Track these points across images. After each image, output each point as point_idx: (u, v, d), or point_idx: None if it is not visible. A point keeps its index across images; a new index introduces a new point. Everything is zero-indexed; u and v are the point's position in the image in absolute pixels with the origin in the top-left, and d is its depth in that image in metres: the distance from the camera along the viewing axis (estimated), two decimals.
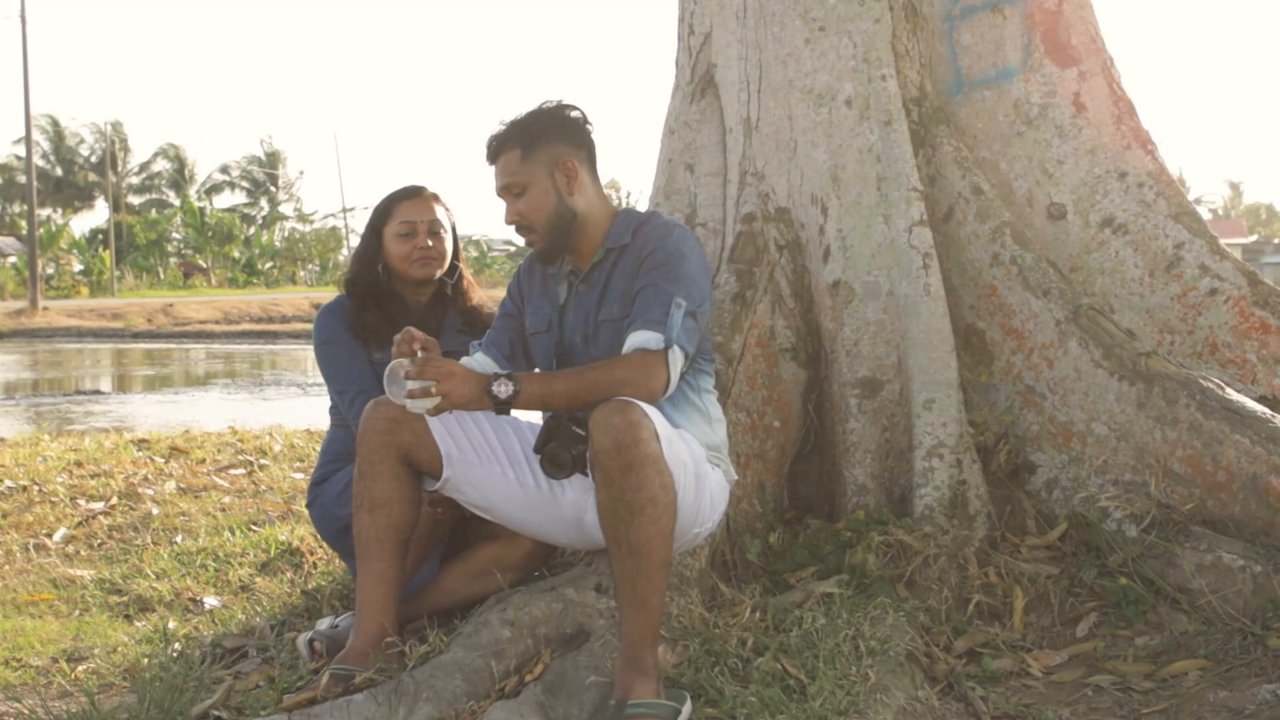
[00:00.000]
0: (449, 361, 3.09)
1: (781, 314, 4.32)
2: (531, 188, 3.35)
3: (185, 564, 5.08)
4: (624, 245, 3.37)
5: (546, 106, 3.44)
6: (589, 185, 3.41)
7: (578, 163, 3.37)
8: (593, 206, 3.41)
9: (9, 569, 5.16)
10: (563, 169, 3.35)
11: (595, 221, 3.41)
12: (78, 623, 4.41)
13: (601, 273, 3.40)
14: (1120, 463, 3.84)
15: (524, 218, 3.37)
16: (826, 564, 3.83)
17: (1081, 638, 3.55)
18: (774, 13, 4.38)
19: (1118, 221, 4.29)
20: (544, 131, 3.37)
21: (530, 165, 3.35)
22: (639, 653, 3.05)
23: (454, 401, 3.06)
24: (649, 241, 3.32)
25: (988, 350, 4.18)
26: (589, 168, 3.43)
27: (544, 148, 3.36)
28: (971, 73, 4.45)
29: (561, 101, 3.46)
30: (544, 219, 3.36)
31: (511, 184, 3.37)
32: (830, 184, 4.29)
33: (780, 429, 4.25)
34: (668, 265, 3.25)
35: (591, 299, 3.41)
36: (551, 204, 3.35)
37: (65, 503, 6.20)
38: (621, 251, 3.37)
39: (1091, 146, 4.34)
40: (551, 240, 3.39)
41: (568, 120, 3.42)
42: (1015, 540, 3.86)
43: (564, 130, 3.40)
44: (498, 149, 3.40)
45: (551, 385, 3.15)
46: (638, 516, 3.00)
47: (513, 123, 3.41)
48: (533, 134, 3.37)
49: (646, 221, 3.39)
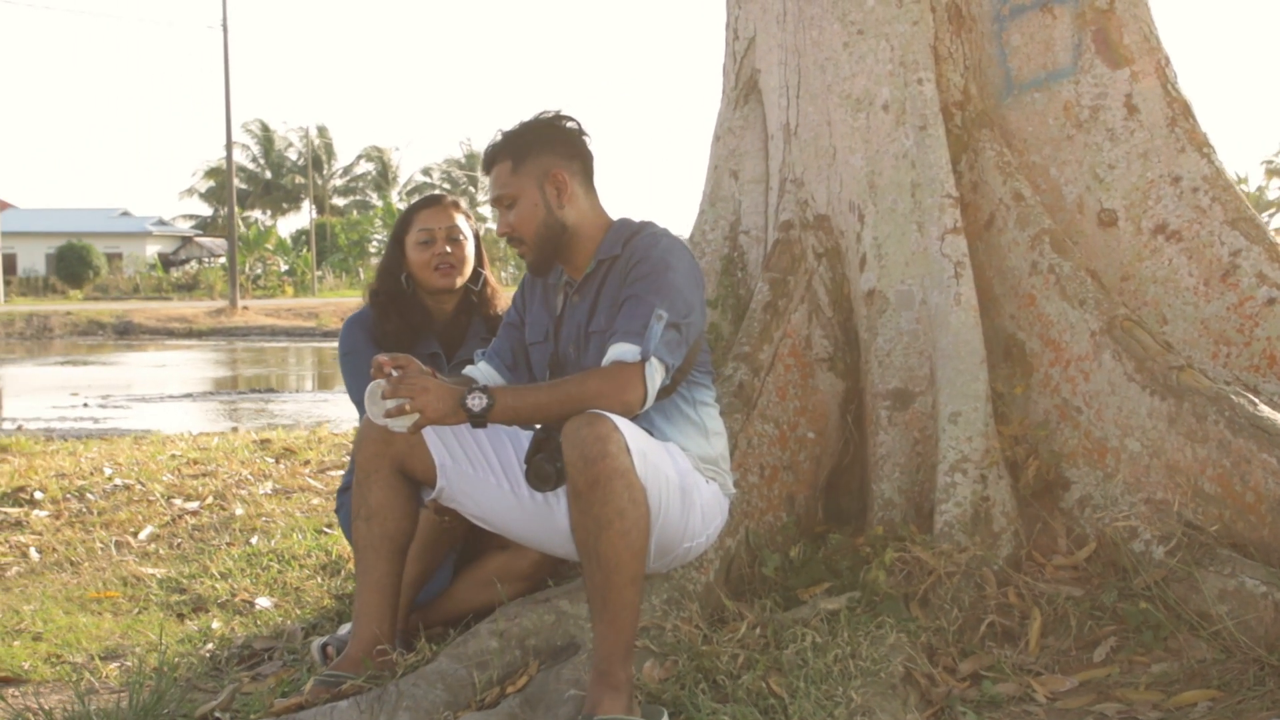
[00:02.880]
0: (423, 378, 3.11)
1: (819, 323, 4.24)
2: (521, 200, 3.35)
3: (251, 565, 5.19)
4: (615, 256, 3.34)
5: (542, 117, 3.43)
6: (581, 197, 3.39)
7: (569, 175, 3.36)
8: (584, 218, 3.39)
9: (88, 565, 5.34)
10: (553, 181, 3.34)
11: (588, 233, 3.39)
12: (132, 621, 4.54)
13: (593, 284, 3.38)
14: (1152, 481, 3.68)
15: (514, 230, 3.36)
16: (842, 580, 3.75)
17: (1097, 663, 3.41)
18: (813, 16, 4.31)
19: (1171, 228, 4.12)
20: (535, 143, 3.36)
21: (520, 177, 3.35)
22: (609, 667, 3.03)
23: (429, 417, 3.07)
24: (636, 252, 3.29)
25: (1027, 362, 4.04)
26: (582, 179, 3.40)
27: (534, 159, 3.35)
28: (1021, 75, 4.31)
29: (558, 112, 3.44)
30: (534, 231, 3.35)
31: (502, 195, 3.37)
32: (867, 190, 4.20)
33: (815, 440, 4.17)
34: (651, 276, 3.22)
35: (583, 310, 3.39)
36: (541, 216, 3.34)
37: (160, 502, 6.39)
38: (613, 262, 3.35)
39: (1144, 150, 4.17)
40: (541, 252, 3.38)
41: (561, 131, 3.40)
42: (1041, 560, 3.73)
43: (556, 142, 3.38)
44: (490, 160, 3.40)
45: (525, 398, 3.14)
46: (605, 530, 2.98)
47: (506, 134, 3.41)
48: (524, 146, 3.36)
49: (637, 232, 3.36)
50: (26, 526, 5.91)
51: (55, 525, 5.95)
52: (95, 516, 6.10)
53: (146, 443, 9.19)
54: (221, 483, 6.90)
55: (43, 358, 25.55)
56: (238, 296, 40.83)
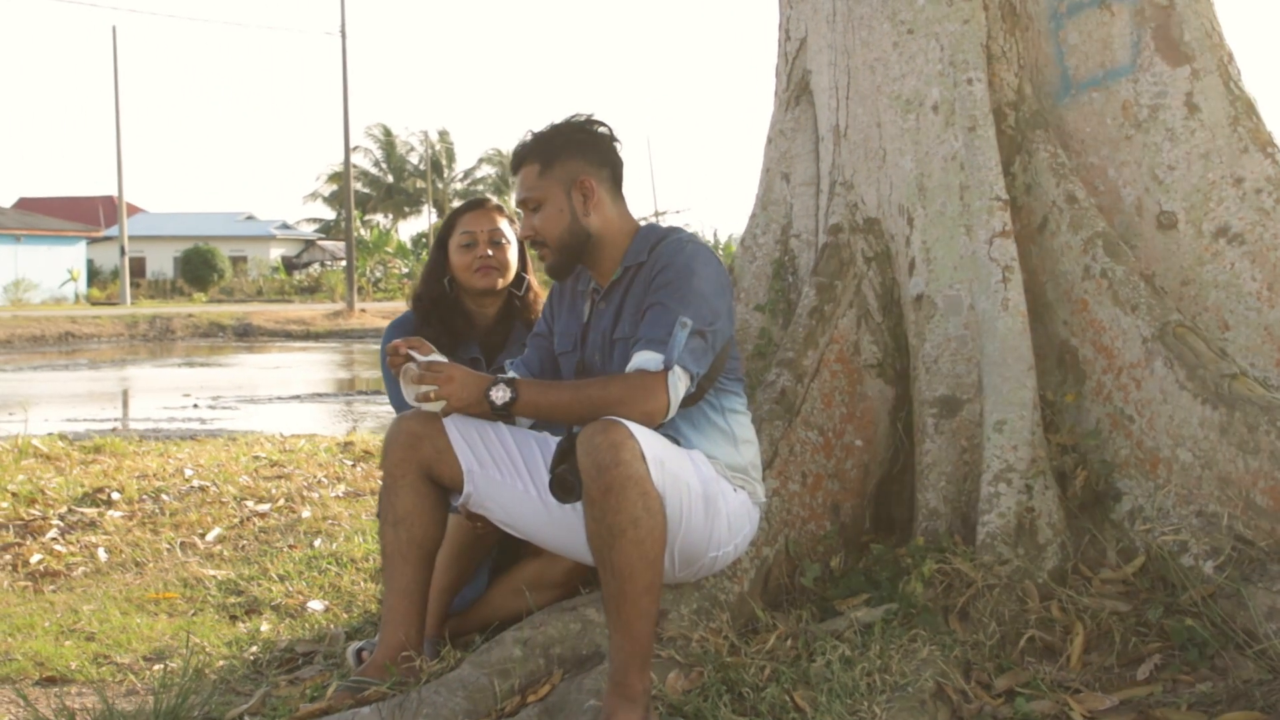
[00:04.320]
0: (452, 365, 3.17)
1: (868, 328, 4.16)
2: (547, 204, 3.32)
3: (309, 568, 5.23)
4: (640, 263, 3.30)
5: (574, 121, 3.40)
6: (608, 205, 3.35)
7: (596, 182, 3.32)
8: (610, 226, 3.35)
9: (153, 566, 5.41)
10: (580, 187, 3.31)
11: (613, 240, 3.36)
12: (185, 622, 4.59)
13: (619, 290, 3.35)
14: (1204, 493, 3.55)
15: (538, 233, 3.34)
16: (881, 592, 3.66)
17: (1141, 680, 3.29)
18: (862, 16, 4.22)
19: (1233, 231, 3.97)
20: (565, 148, 3.33)
21: (547, 181, 3.32)
22: (625, 678, 2.99)
23: (454, 405, 3.15)
24: (660, 259, 3.25)
25: (1080, 369, 3.92)
26: (610, 186, 3.37)
27: (563, 164, 3.32)
28: (1078, 73, 4.19)
29: (590, 117, 3.41)
30: (556, 237, 3.33)
31: (528, 199, 3.34)
32: (916, 193, 4.11)
33: (863, 448, 4.09)
34: (675, 283, 3.17)
35: (609, 316, 3.36)
36: (565, 222, 3.32)
37: (231, 504, 6.47)
38: (638, 269, 3.31)
39: (1205, 150, 4.03)
40: (562, 258, 3.35)
41: (591, 137, 3.37)
42: (1089, 573, 3.62)
43: (585, 147, 3.35)
44: (519, 161, 3.38)
45: (548, 395, 3.15)
46: (619, 538, 2.94)
47: (537, 135, 3.38)
48: (553, 149, 3.33)
49: (663, 239, 3.31)
50: (99, 527, 6.01)
51: (127, 526, 6.05)
52: (166, 518, 6.18)
53: (236, 444, 9.33)
54: (295, 485, 6.97)
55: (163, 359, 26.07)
56: (355, 299, 41.32)
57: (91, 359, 25.68)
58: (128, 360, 25.60)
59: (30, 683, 3.95)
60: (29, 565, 5.38)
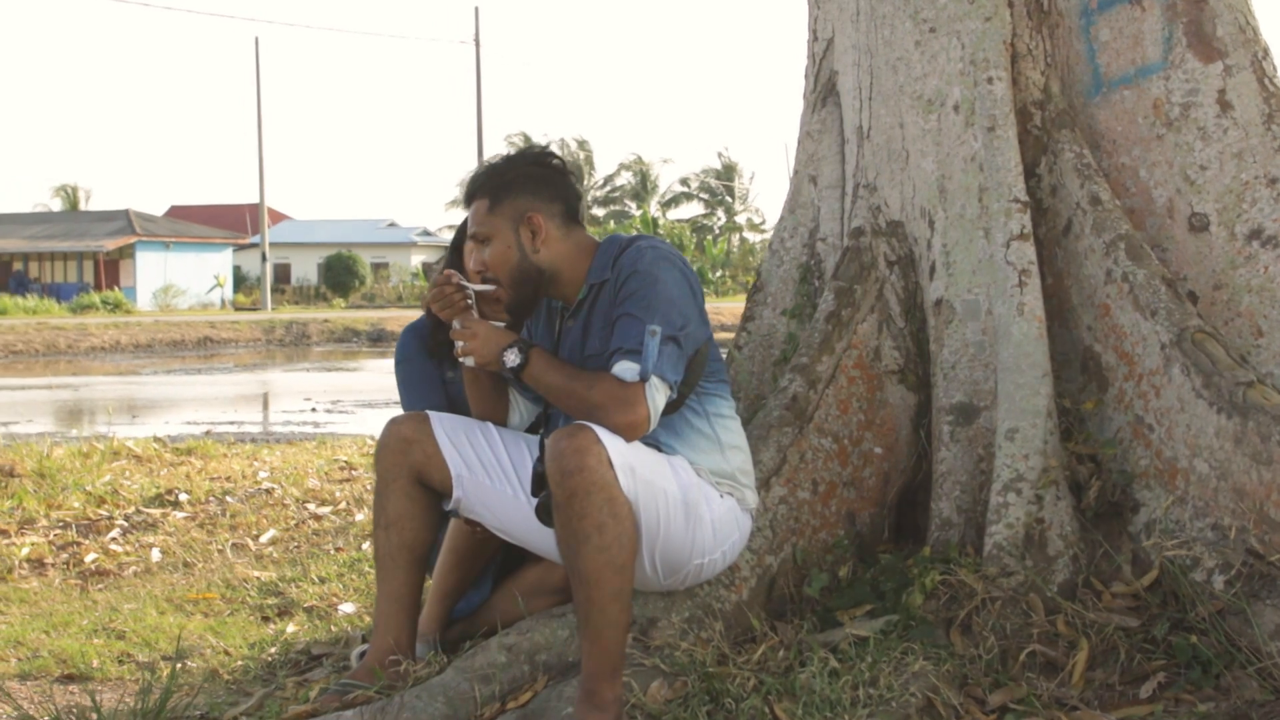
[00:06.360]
0: (480, 322, 3.22)
1: (890, 334, 4.07)
2: (495, 240, 3.28)
3: (351, 570, 5.27)
4: (605, 280, 3.25)
5: (527, 154, 3.36)
6: (558, 240, 3.29)
7: (545, 218, 3.27)
8: (563, 257, 3.29)
9: (202, 567, 5.50)
10: (529, 224, 3.26)
11: (570, 267, 3.30)
12: (217, 623, 4.64)
13: (585, 308, 3.30)
14: (1220, 505, 3.42)
15: (488, 268, 3.29)
16: (885, 603, 3.58)
17: (1143, 699, 3.17)
18: (884, 15, 4.14)
19: (1267, 233, 3.81)
20: (515, 183, 3.29)
21: (496, 217, 3.28)
22: (595, 686, 2.97)
23: (475, 361, 3.21)
24: (623, 270, 3.20)
25: (1103, 375, 3.80)
26: (561, 220, 3.31)
27: (511, 200, 3.28)
28: (1110, 71, 4.06)
29: (544, 149, 3.38)
30: (508, 273, 3.27)
31: (477, 233, 3.31)
32: (937, 196, 4.02)
33: (883, 455, 4.01)
34: (640, 292, 3.13)
35: (577, 334, 3.31)
36: (514, 260, 3.27)
37: (293, 506, 6.55)
38: (602, 285, 3.26)
39: (1238, 150, 3.87)
40: (518, 294, 3.29)
41: (544, 170, 3.33)
42: (1100, 586, 3.50)
43: (536, 182, 3.30)
44: (469, 194, 3.36)
45: (550, 375, 3.17)
46: (583, 544, 2.91)
47: (488, 168, 3.35)
48: (503, 185, 3.30)
49: (624, 249, 3.25)
50: (160, 528, 6.12)
51: (187, 527, 6.15)
52: (226, 519, 6.28)
53: (324, 447, 9.46)
54: (361, 487, 7.04)
55: (294, 364, 26.51)
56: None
57: (226, 363, 26.21)
58: (259, 365, 26.06)
59: (50, 680, 4.02)
60: (82, 564, 5.49)
